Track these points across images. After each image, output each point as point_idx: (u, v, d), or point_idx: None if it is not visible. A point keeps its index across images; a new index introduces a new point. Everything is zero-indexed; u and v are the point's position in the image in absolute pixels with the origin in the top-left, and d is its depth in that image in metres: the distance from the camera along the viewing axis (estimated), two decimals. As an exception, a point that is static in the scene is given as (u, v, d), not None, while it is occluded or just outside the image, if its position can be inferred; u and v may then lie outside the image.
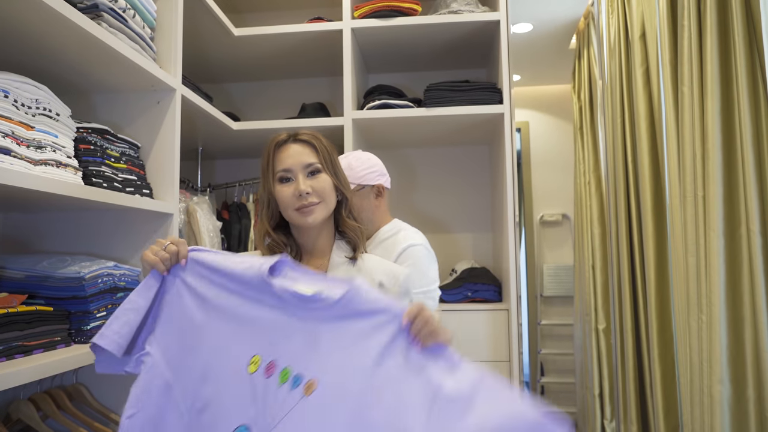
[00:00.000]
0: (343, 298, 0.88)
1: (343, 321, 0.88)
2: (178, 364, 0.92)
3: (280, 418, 0.85)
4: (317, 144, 1.16)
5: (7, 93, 1.06)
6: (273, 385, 0.87)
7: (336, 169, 1.18)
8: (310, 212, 1.12)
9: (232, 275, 0.94)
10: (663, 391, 2.14)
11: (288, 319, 0.90)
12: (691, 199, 1.75)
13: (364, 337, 0.86)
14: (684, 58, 1.78)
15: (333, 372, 0.86)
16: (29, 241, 1.56)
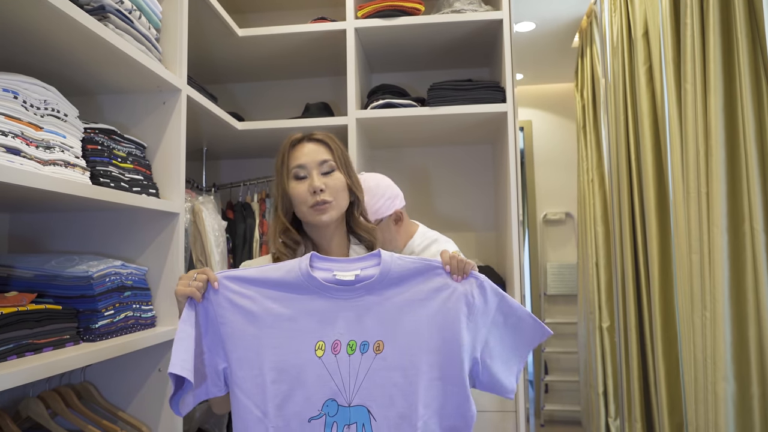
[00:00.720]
0: (380, 274, 1.00)
1: (387, 289, 1.01)
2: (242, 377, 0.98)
3: (361, 378, 0.97)
4: (331, 143, 1.18)
5: (16, 94, 1.07)
6: (344, 357, 0.98)
7: (349, 170, 1.19)
8: (323, 210, 1.12)
9: (272, 282, 1.02)
10: (667, 388, 2.14)
11: (338, 302, 1.00)
12: (695, 195, 1.75)
13: (411, 293, 1.01)
14: (687, 55, 1.78)
15: (394, 330, 0.99)
16: (38, 241, 1.58)
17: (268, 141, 2.35)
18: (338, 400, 0.97)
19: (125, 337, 1.33)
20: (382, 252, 1.03)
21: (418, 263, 1.03)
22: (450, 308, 1.00)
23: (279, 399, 0.97)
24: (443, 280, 1.02)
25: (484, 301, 1.02)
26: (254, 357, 0.98)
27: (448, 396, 0.98)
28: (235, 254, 2.22)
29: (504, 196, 2.18)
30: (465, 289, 1.01)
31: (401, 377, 0.97)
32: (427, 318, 0.99)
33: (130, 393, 1.51)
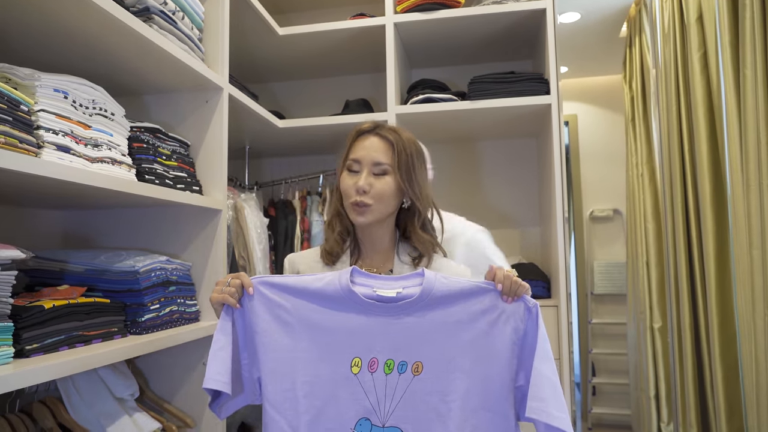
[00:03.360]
0: (422, 292, 0.96)
1: (430, 309, 0.96)
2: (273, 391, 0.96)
3: (397, 399, 0.93)
4: (396, 143, 1.11)
5: (66, 94, 1.11)
6: (380, 376, 0.94)
7: (411, 174, 1.11)
8: (362, 212, 1.10)
9: (310, 293, 0.99)
10: (725, 392, 2.03)
11: (377, 319, 0.96)
12: (755, 187, 1.65)
13: (455, 314, 0.95)
14: (746, 38, 1.68)
15: (434, 351, 0.94)
16: (89, 237, 1.63)
17: (309, 138, 2.36)
18: (372, 420, 0.93)
19: (170, 331, 1.36)
20: (426, 271, 0.98)
21: (464, 285, 0.97)
22: (497, 333, 0.94)
23: (311, 415, 0.93)
24: (491, 301, 0.95)
25: (535, 326, 0.94)
26: (288, 370, 0.95)
27: (488, 426, 0.92)
28: (276, 251, 2.25)
29: (548, 191, 2.12)
30: (514, 312, 0.95)
31: (440, 401, 0.92)
32: (470, 342, 0.94)
33: (176, 386, 1.54)
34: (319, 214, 2.25)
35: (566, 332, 1.95)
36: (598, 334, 4.06)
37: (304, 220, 2.25)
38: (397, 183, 1.10)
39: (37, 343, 1.01)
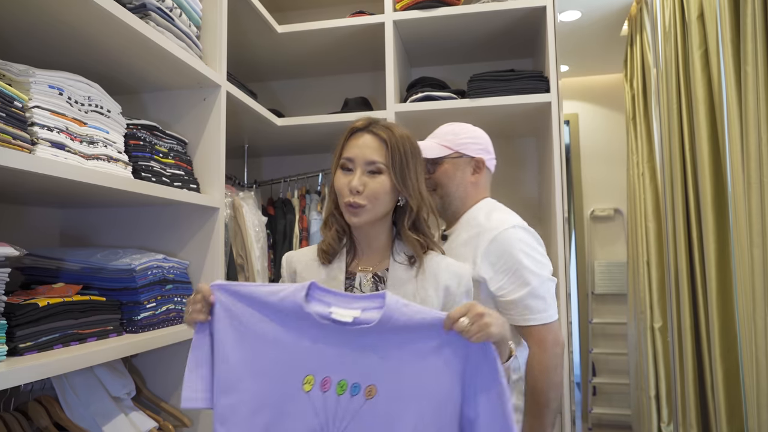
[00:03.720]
0: (380, 320, 0.90)
1: (386, 334, 0.91)
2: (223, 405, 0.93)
3: (347, 421, 0.89)
4: (390, 141, 1.08)
5: (61, 90, 1.10)
6: (332, 396, 0.90)
7: (405, 173, 1.08)
8: (356, 213, 1.08)
9: (268, 306, 0.95)
10: (726, 393, 2.01)
11: (333, 339, 0.92)
12: (756, 186, 1.64)
13: (413, 344, 0.90)
14: (747, 35, 1.67)
15: (389, 376, 0.90)
16: (86, 235, 1.63)
17: (308, 137, 2.36)
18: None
19: (167, 329, 1.35)
20: (387, 296, 0.91)
21: (425, 316, 0.90)
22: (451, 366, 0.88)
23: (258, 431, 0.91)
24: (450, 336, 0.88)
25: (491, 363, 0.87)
26: (235, 383, 0.92)
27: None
28: (275, 250, 2.24)
29: (549, 191, 2.11)
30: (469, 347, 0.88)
31: (389, 427, 0.88)
32: (425, 371, 0.89)
33: (173, 384, 1.54)
34: (318, 213, 2.24)
35: (566, 332, 1.94)
36: (598, 333, 4.05)
37: (303, 219, 2.25)
38: (391, 182, 1.08)
39: (31, 341, 1.01)
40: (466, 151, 1.41)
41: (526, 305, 1.25)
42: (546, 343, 1.24)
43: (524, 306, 1.25)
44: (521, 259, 1.26)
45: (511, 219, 1.33)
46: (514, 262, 1.26)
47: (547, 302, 1.26)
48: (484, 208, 1.40)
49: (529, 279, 1.25)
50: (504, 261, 1.27)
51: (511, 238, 1.28)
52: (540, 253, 1.31)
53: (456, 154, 1.40)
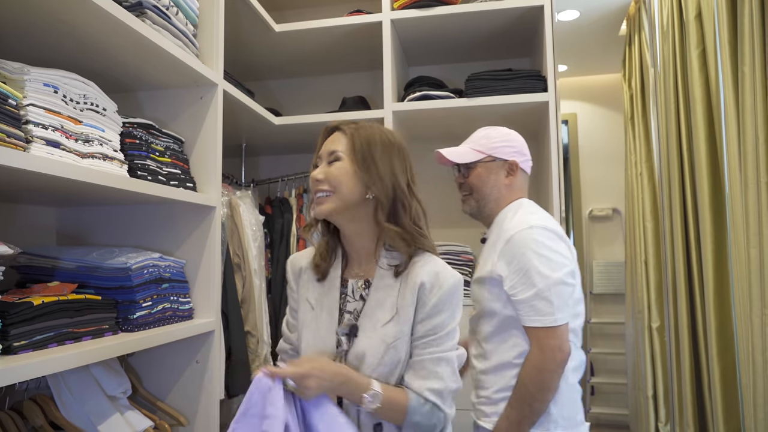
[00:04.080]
0: None
1: None
2: None
3: None
4: (351, 133, 1.08)
5: (56, 89, 1.10)
6: None
7: (367, 159, 1.05)
8: (321, 201, 1.06)
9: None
10: (723, 392, 2.02)
11: None
12: (753, 186, 1.64)
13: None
14: (745, 35, 1.67)
15: None
16: (83, 234, 1.63)
17: (306, 136, 2.35)
18: None
19: (163, 328, 1.35)
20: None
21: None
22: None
23: None
24: None
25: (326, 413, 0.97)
26: None
27: None
28: (272, 249, 2.24)
29: (546, 191, 2.11)
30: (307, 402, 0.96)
31: None
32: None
33: (169, 384, 1.53)
34: (316, 212, 2.24)
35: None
36: (596, 333, 4.05)
37: (300, 218, 2.24)
38: (353, 168, 1.05)
39: (25, 339, 1.00)
40: (499, 155, 1.42)
41: (532, 306, 1.26)
42: (546, 348, 1.25)
43: (530, 306, 1.26)
44: (532, 259, 1.26)
45: (530, 219, 1.32)
46: (525, 263, 1.26)
47: (553, 305, 1.24)
48: (514, 208, 1.40)
49: (537, 280, 1.25)
50: (517, 261, 1.28)
51: (525, 239, 1.28)
52: (556, 253, 1.29)
53: (489, 158, 1.42)
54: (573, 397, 1.35)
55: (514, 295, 1.28)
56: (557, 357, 1.25)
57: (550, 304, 1.24)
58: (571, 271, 1.30)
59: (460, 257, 2.18)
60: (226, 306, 1.71)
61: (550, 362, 1.25)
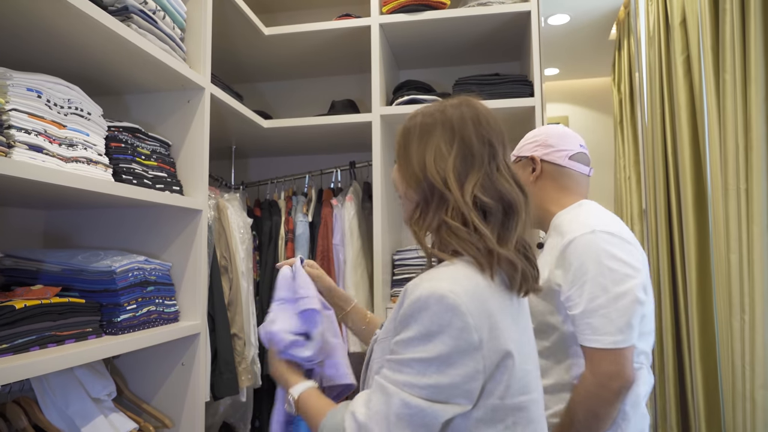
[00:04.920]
0: None
1: None
2: None
3: None
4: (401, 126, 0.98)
5: (40, 93, 1.11)
6: None
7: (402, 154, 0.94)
8: None
9: None
10: (705, 395, 2.04)
11: None
12: (734, 192, 1.66)
13: None
14: (726, 43, 1.69)
15: None
16: (69, 236, 1.63)
17: (295, 139, 2.36)
18: None
19: (147, 331, 1.36)
20: None
21: None
22: None
23: None
24: None
25: None
26: None
27: None
28: (261, 251, 2.25)
29: (532, 193, 2.12)
30: None
31: None
32: None
33: (155, 386, 1.54)
34: (304, 215, 2.25)
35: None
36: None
37: (288, 221, 2.25)
38: (399, 168, 0.95)
39: (7, 343, 1.01)
40: (522, 153, 1.34)
41: (588, 323, 1.07)
42: (599, 373, 1.06)
43: (585, 323, 1.07)
44: (591, 269, 1.07)
45: (593, 222, 1.13)
46: (583, 272, 1.08)
47: (613, 324, 1.04)
48: (574, 210, 1.23)
49: (596, 293, 1.06)
50: (574, 270, 1.09)
51: (585, 244, 1.09)
52: (622, 263, 1.08)
53: (517, 159, 1.35)
54: (642, 427, 1.14)
55: (570, 309, 1.10)
56: (613, 385, 1.04)
57: (610, 322, 1.05)
58: (640, 284, 1.08)
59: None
60: (212, 308, 1.72)
61: (604, 390, 1.05)
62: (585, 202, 1.26)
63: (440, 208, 0.88)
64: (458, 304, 0.77)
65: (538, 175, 1.29)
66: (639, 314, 1.07)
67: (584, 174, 1.32)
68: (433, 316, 0.78)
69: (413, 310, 0.80)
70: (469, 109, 0.94)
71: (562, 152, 1.30)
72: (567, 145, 1.30)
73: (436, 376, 0.77)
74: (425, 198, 0.90)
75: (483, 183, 0.87)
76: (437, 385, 0.77)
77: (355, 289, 2.11)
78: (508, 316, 0.83)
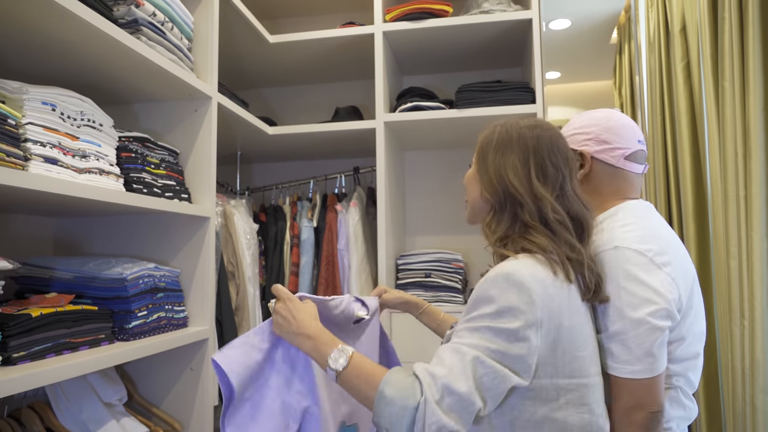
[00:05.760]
0: None
1: None
2: None
3: None
4: (481, 136, 1.06)
5: (54, 106, 1.14)
6: None
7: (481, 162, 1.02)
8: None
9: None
10: (706, 399, 2.06)
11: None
12: (733, 198, 1.68)
13: None
14: (725, 51, 1.71)
15: None
16: (78, 244, 1.66)
17: (299, 145, 2.39)
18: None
19: (158, 337, 1.38)
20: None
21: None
22: None
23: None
24: None
25: None
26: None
27: None
28: (266, 256, 2.27)
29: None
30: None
31: None
32: None
33: (164, 390, 1.57)
34: (309, 220, 2.28)
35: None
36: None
37: (293, 226, 2.28)
38: (475, 171, 1.04)
39: (24, 350, 1.04)
40: (570, 144, 1.13)
41: (608, 349, 0.98)
42: (621, 404, 0.97)
43: (606, 349, 0.98)
44: (610, 292, 0.98)
45: (620, 235, 1.02)
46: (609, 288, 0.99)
47: (631, 353, 0.95)
48: (610, 217, 1.10)
49: (612, 318, 0.97)
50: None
51: (604, 262, 1.00)
52: (644, 286, 0.97)
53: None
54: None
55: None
56: (635, 417, 0.95)
57: (628, 350, 0.95)
58: (662, 310, 0.96)
59: (451, 264, 2.22)
60: (220, 314, 1.75)
61: (627, 425, 0.96)
62: (625, 205, 1.12)
63: (515, 213, 0.97)
64: (523, 280, 0.86)
65: (586, 173, 1.14)
66: (661, 342, 0.97)
67: (638, 174, 1.16)
68: (502, 292, 0.86)
69: (481, 291, 0.89)
70: (543, 131, 1.01)
71: (618, 151, 1.13)
72: (624, 142, 1.13)
73: (505, 344, 0.84)
74: (500, 203, 0.98)
75: (558, 197, 0.97)
76: (506, 353, 0.83)
77: (359, 294, 2.14)
78: (567, 306, 0.89)
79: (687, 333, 1.03)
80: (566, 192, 0.97)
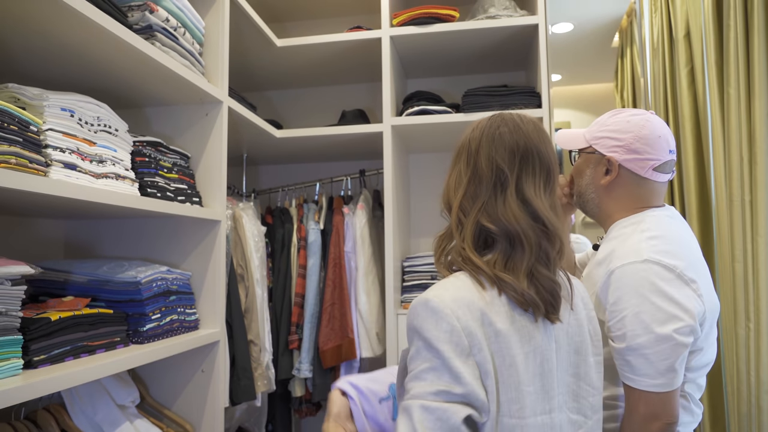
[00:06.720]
0: None
1: None
2: None
3: None
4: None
5: (72, 112, 1.15)
6: None
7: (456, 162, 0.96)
8: None
9: None
10: (709, 401, 2.08)
11: None
12: (738, 203, 1.70)
13: None
14: (730, 58, 1.73)
15: None
16: (90, 246, 1.67)
17: (306, 147, 2.41)
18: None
19: (170, 340, 1.40)
20: None
21: None
22: None
23: None
24: None
25: None
26: None
27: None
28: (273, 258, 2.29)
29: (539, 201, 2.16)
30: None
31: None
32: None
33: (176, 392, 1.58)
34: (315, 222, 2.29)
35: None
36: (589, 338, 4.12)
37: (300, 228, 2.30)
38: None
39: (45, 354, 1.05)
40: (599, 147, 1.14)
41: (627, 361, 0.99)
42: (636, 414, 0.98)
43: (625, 361, 1.00)
44: (634, 302, 0.98)
45: (647, 248, 1.01)
46: (625, 307, 0.99)
47: (653, 367, 0.96)
48: (633, 224, 1.09)
49: (637, 332, 0.97)
50: (616, 302, 1.01)
51: (633, 276, 0.99)
52: (671, 301, 0.97)
53: (590, 149, 1.17)
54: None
55: (612, 340, 1.03)
56: (650, 428, 0.97)
57: (650, 365, 0.96)
58: (687, 327, 0.96)
59: (457, 267, 2.24)
60: (230, 316, 1.76)
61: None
62: (651, 213, 1.11)
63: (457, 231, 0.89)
64: (441, 307, 0.78)
65: (612, 179, 1.13)
66: (683, 357, 0.98)
67: (664, 183, 1.15)
68: (423, 322, 0.78)
69: (409, 321, 0.82)
70: (490, 130, 0.93)
71: (647, 162, 1.11)
72: (655, 153, 1.10)
73: (448, 380, 0.75)
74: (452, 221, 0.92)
75: (488, 209, 0.87)
76: (449, 392, 0.75)
77: (366, 296, 2.15)
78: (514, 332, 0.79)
79: (704, 343, 1.04)
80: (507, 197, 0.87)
